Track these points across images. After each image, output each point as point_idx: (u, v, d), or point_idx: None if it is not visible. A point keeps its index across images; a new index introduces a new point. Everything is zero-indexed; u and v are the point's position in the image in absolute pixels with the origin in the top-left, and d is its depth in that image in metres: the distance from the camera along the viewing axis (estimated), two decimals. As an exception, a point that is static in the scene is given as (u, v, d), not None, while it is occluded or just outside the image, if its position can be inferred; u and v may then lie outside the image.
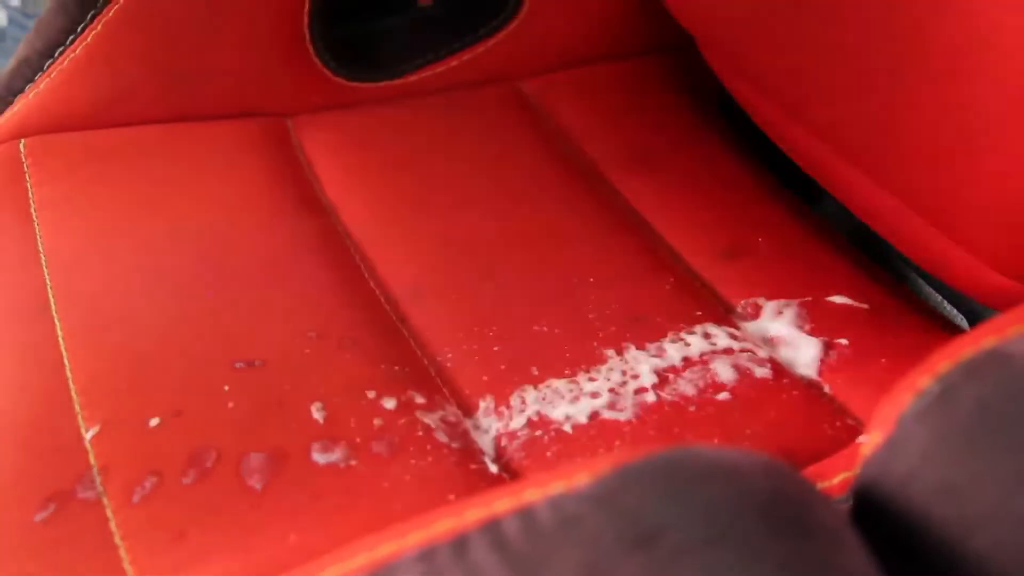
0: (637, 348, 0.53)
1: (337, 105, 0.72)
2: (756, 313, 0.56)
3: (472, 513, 0.31)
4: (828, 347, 0.54)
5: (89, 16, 0.66)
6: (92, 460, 0.47)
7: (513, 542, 0.29)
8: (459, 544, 0.30)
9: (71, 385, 0.50)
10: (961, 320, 0.61)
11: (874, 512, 0.31)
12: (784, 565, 0.27)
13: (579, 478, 0.30)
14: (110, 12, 0.65)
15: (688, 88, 0.76)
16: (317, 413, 0.49)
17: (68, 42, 0.66)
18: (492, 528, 0.30)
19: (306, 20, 0.70)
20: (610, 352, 0.53)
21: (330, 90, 0.72)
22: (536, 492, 0.31)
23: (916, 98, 0.49)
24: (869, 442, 0.33)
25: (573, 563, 0.27)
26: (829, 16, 0.52)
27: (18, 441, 0.47)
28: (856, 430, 0.50)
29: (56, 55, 0.66)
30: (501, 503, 0.31)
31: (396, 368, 0.52)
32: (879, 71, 0.50)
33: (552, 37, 0.76)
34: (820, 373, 0.53)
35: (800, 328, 0.55)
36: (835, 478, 0.42)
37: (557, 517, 0.29)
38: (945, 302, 0.63)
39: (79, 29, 0.66)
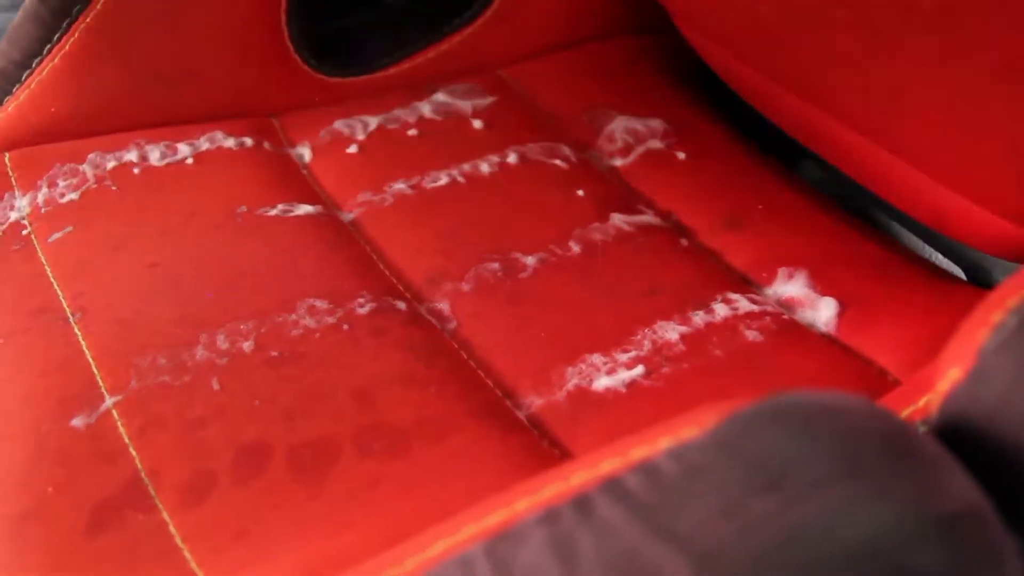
0: (663, 319, 0.54)
1: (321, 102, 0.72)
2: (769, 278, 0.58)
3: (578, 476, 0.32)
4: (843, 304, 0.55)
5: (65, 24, 0.65)
6: (139, 464, 0.46)
7: (640, 496, 0.29)
8: (580, 503, 0.30)
9: (104, 390, 0.49)
10: (958, 270, 0.63)
11: (963, 444, 0.32)
12: (910, 495, 0.28)
13: (686, 431, 0.31)
14: (87, 19, 0.64)
15: (667, 66, 0.77)
16: (358, 403, 0.49)
17: (45, 52, 0.65)
18: (612, 485, 0.30)
19: (284, 18, 0.69)
20: (637, 324, 0.54)
21: (313, 87, 0.72)
22: (644, 449, 0.31)
23: (915, 52, 0.50)
24: (947, 378, 0.34)
25: (707, 509, 0.28)
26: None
27: (59, 453, 0.47)
28: (884, 379, 0.51)
29: (34, 65, 0.65)
30: (607, 463, 0.32)
31: (428, 354, 0.52)
32: (875, 28, 0.52)
33: (528, 23, 0.76)
34: (839, 329, 0.54)
35: (813, 289, 0.56)
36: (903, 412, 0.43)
37: (681, 467, 0.29)
38: (938, 254, 0.65)
39: (55, 38, 0.65)
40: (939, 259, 0.66)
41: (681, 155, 0.68)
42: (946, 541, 0.28)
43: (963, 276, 0.63)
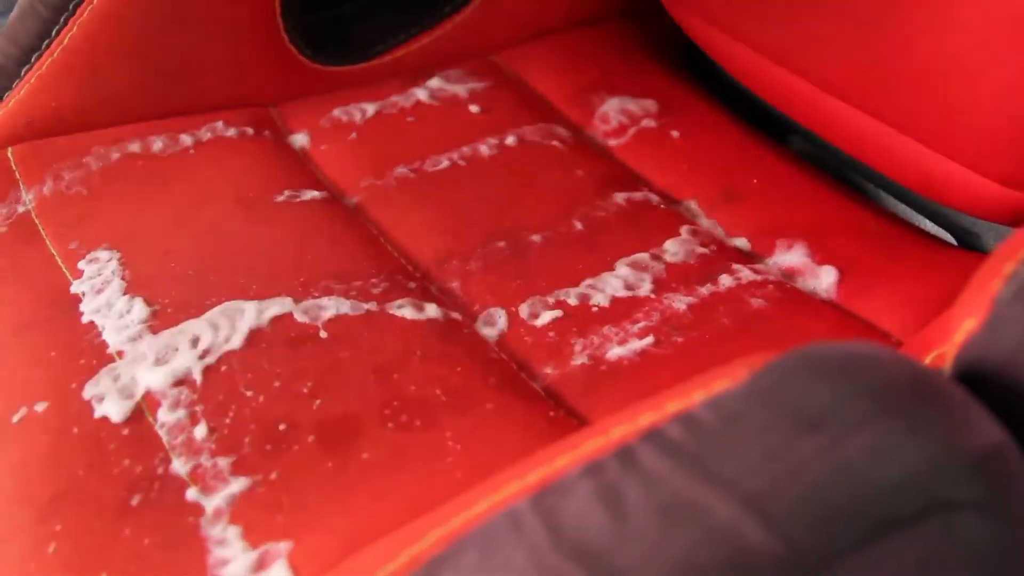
0: (669, 291, 0.55)
1: (317, 91, 0.72)
2: (769, 249, 0.59)
3: (618, 431, 0.33)
4: (842, 272, 0.57)
5: (62, 19, 0.65)
6: (167, 445, 0.47)
7: (683, 444, 0.30)
8: (623, 455, 0.31)
9: (124, 375, 0.50)
10: (948, 236, 0.65)
11: (982, 389, 0.34)
12: (942, 433, 0.29)
13: (719, 384, 0.32)
14: (84, 14, 0.65)
15: (658, 49, 0.79)
16: (380, 379, 0.50)
17: (43, 47, 0.65)
18: (654, 436, 0.31)
19: (278, 10, 0.70)
20: (645, 297, 0.55)
21: (309, 77, 0.72)
22: (679, 403, 0.33)
23: (909, 23, 0.52)
24: (962, 329, 0.35)
25: (751, 453, 0.29)
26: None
27: (86, 438, 0.48)
28: (886, 340, 0.53)
29: (33, 60, 0.66)
30: (645, 417, 0.33)
31: (443, 331, 0.53)
32: (870, 5, 0.53)
33: (520, 8, 0.77)
34: (839, 296, 0.56)
35: (812, 258, 0.58)
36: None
37: (720, 416, 0.31)
38: (926, 221, 0.67)
39: (53, 32, 0.65)
40: (929, 226, 0.68)
41: (675, 133, 0.69)
42: (976, 475, 0.29)
43: (954, 242, 0.65)
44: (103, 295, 0.54)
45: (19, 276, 0.57)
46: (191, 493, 0.45)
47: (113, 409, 0.49)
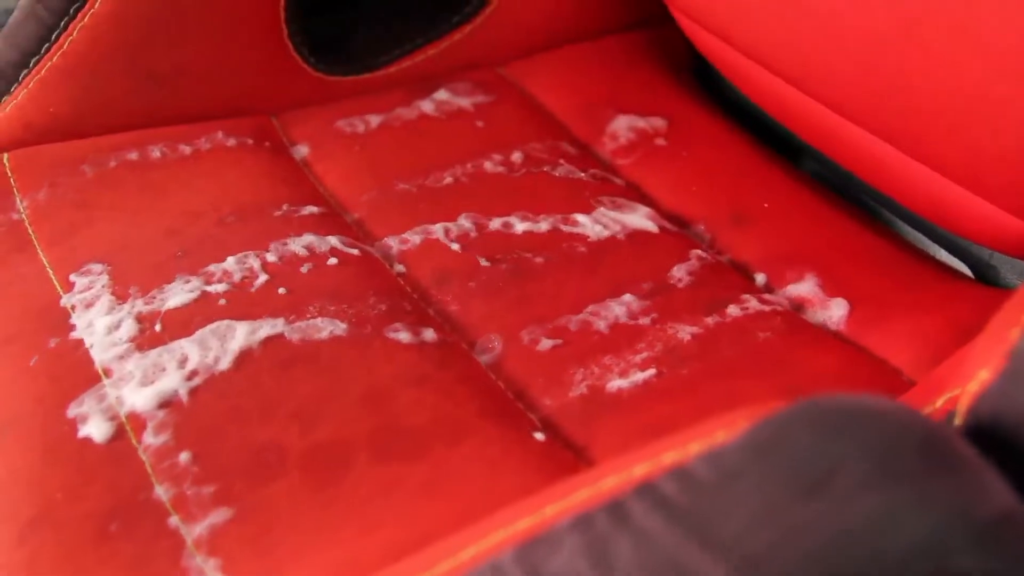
0: (673, 320, 0.54)
1: (321, 100, 0.71)
2: (779, 278, 0.58)
3: (610, 481, 0.32)
4: (853, 304, 0.55)
5: (63, 23, 0.64)
6: (149, 469, 0.46)
7: (676, 501, 0.29)
8: (614, 509, 0.30)
9: (110, 395, 0.49)
10: (964, 268, 0.63)
11: (995, 446, 0.32)
12: (951, 500, 0.28)
13: (717, 436, 0.31)
14: (85, 18, 0.64)
15: (667, 60, 0.77)
16: (370, 405, 0.48)
17: (43, 51, 0.64)
18: (647, 490, 0.30)
19: (283, 17, 0.69)
20: (649, 325, 0.54)
21: (312, 86, 0.71)
22: (675, 454, 0.31)
23: (928, 46, 0.50)
24: (977, 380, 0.33)
25: (747, 514, 0.28)
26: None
27: (68, 458, 0.46)
28: (898, 379, 0.51)
29: (32, 65, 0.64)
30: (639, 468, 0.31)
31: (438, 355, 0.52)
32: (886, 28, 0.51)
33: (527, 20, 0.76)
34: (850, 328, 0.54)
35: (822, 289, 0.56)
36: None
37: (717, 472, 0.29)
38: (942, 251, 0.65)
39: (54, 37, 0.64)
40: (944, 256, 0.66)
41: (684, 153, 0.67)
42: (987, 545, 0.27)
43: (970, 274, 0.63)
44: (92, 309, 0.53)
45: (8, 286, 0.55)
46: (172, 521, 0.44)
47: (96, 430, 0.47)
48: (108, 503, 0.45)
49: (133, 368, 0.50)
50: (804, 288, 0.56)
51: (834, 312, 0.55)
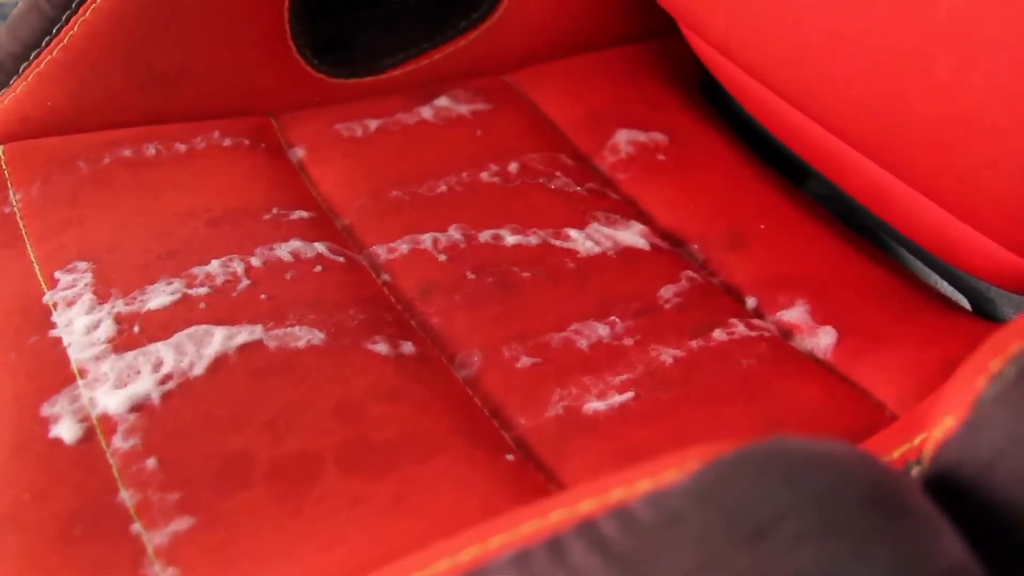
0: (657, 342, 0.53)
1: (321, 102, 0.71)
2: (769, 303, 0.57)
3: (557, 514, 0.31)
4: (842, 333, 0.54)
5: (65, 17, 0.64)
6: (117, 474, 0.46)
7: (615, 543, 0.28)
8: (554, 546, 0.29)
9: (83, 397, 0.49)
10: (962, 299, 0.62)
11: (953, 497, 0.31)
12: (897, 553, 0.27)
13: (666, 475, 0.30)
14: (86, 12, 0.64)
15: (672, 74, 0.76)
16: (342, 417, 0.48)
17: (44, 44, 0.64)
18: (588, 529, 0.29)
19: (287, 16, 0.69)
20: (632, 346, 0.53)
21: (314, 87, 0.71)
22: (623, 491, 0.30)
23: (928, 72, 0.49)
24: (941, 427, 0.33)
25: (683, 561, 0.27)
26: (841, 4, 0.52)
27: (38, 459, 0.46)
28: (881, 413, 0.50)
29: (32, 58, 0.64)
30: (586, 504, 0.31)
31: (416, 369, 0.51)
32: (888, 55, 0.50)
33: (534, 29, 0.75)
34: (838, 358, 0.53)
35: (812, 315, 0.55)
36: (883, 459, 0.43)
37: (658, 515, 0.28)
38: (942, 281, 0.64)
39: (55, 30, 0.64)
40: (944, 287, 0.65)
41: (684, 170, 0.66)
42: (929, 605, 0.27)
43: (968, 306, 0.62)
44: (73, 308, 0.53)
45: (-6, 282, 0.55)
46: (135, 528, 0.44)
47: (67, 431, 0.47)
48: (73, 505, 0.44)
49: (108, 370, 0.49)
50: (794, 314, 0.55)
51: (822, 340, 0.54)
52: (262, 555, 0.42)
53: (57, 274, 0.55)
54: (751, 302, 0.57)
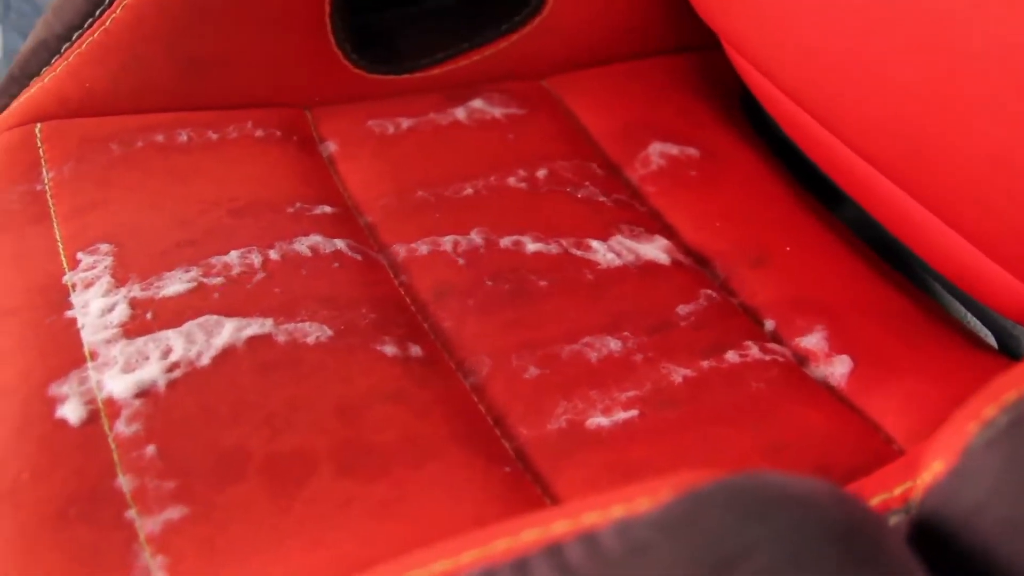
0: (668, 360, 0.52)
1: (357, 97, 0.71)
2: (787, 326, 0.56)
3: (529, 534, 0.31)
4: (858, 363, 0.53)
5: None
6: (116, 459, 0.46)
7: (579, 569, 0.28)
8: (520, 567, 0.29)
9: (94, 381, 0.49)
10: (988, 335, 0.61)
11: (938, 543, 0.31)
12: (861, 600, 0.26)
13: (640, 502, 0.30)
14: (131, -4, 0.64)
15: (712, 88, 0.75)
16: (342, 417, 0.48)
17: (86, 25, 0.65)
18: (554, 553, 0.29)
19: (328, 10, 0.69)
20: (642, 363, 0.52)
21: (350, 82, 0.71)
22: (596, 515, 0.30)
23: (958, 106, 0.48)
24: (930, 471, 0.32)
25: (644, 593, 0.27)
26: (868, 25, 0.51)
27: (41, 439, 0.46)
28: (888, 447, 0.49)
29: (74, 38, 0.65)
30: (559, 525, 0.30)
31: (422, 372, 0.51)
32: (919, 85, 0.50)
33: (575, 35, 0.75)
34: (851, 387, 0.52)
35: (829, 342, 0.54)
36: (874, 499, 0.42)
37: (624, 544, 0.28)
38: (970, 315, 0.63)
39: (98, 12, 0.64)
40: (972, 321, 0.64)
41: (714, 187, 0.66)
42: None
43: (994, 342, 0.60)
44: (91, 290, 0.53)
45: (18, 257, 0.56)
46: (130, 513, 0.44)
47: (72, 412, 0.48)
48: (71, 487, 0.45)
49: (117, 354, 0.50)
50: (811, 340, 0.55)
51: (837, 369, 0.53)
52: (248, 550, 0.42)
53: (79, 255, 0.55)
54: (769, 325, 0.56)
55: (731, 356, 0.53)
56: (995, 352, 0.57)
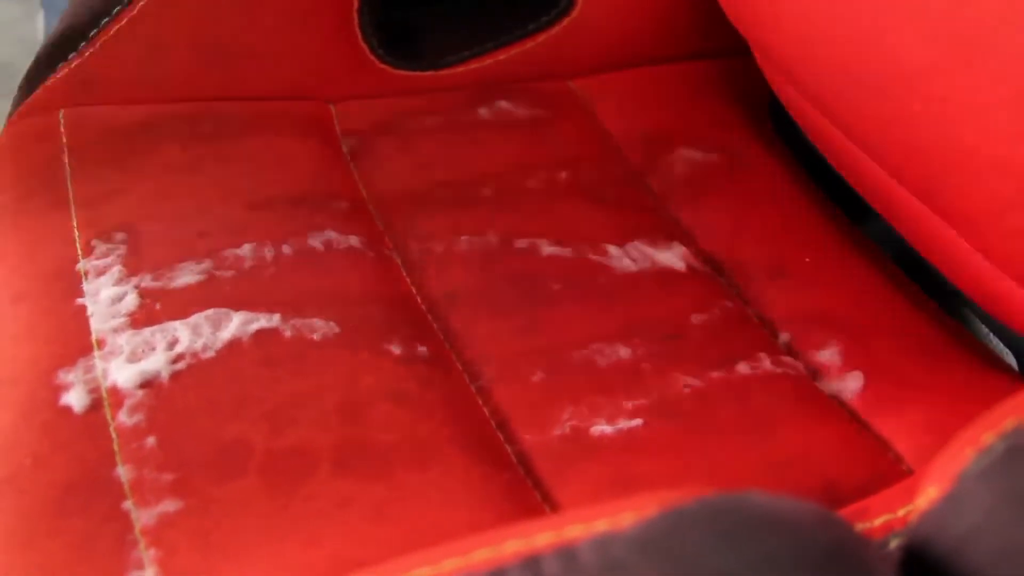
0: (678, 369, 0.52)
1: (382, 93, 0.70)
2: (802, 340, 0.55)
3: (511, 545, 0.30)
4: (870, 379, 0.52)
5: (136, -13, 0.65)
6: (116, 449, 0.46)
7: (553, 584, 0.28)
8: (496, 577, 0.29)
9: (99, 370, 0.49)
10: (1010, 357, 0.60)
11: (929, 570, 0.30)
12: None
13: (624, 517, 0.29)
14: (158, -16, 0.64)
15: (741, 95, 0.74)
16: (344, 415, 0.48)
17: (113, 13, 0.65)
18: (532, 565, 0.29)
19: (356, 3, 0.68)
20: (651, 371, 0.52)
21: (376, 78, 0.70)
22: (578, 528, 0.30)
23: (982, 122, 0.47)
24: (925, 496, 0.31)
25: (616, 612, 0.26)
26: (902, 40, 0.50)
27: (44, 426, 0.47)
28: (897, 467, 0.48)
29: (101, 25, 0.65)
30: (542, 537, 0.30)
31: (428, 373, 0.51)
32: (955, 105, 0.48)
33: (605, 36, 0.74)
34: (862, 406, 0.52)
35: (843, 357, 0.53)
36: (877, 520, 0.41)
37: (601, 561, 0.28)
38: (992, 336, 0.62)
39: (125, 0, 0.65)
40: (994, 342, 0.63)
41: (737, 196, 0.65)
42: None
43: (1014, 364, 0.59)
44: (102, 278, 0.53)
45: (35, 243, 0.56)
46: (126, 504, 0.44)
47: (77, 400, 0.48)
48: (71, 475, 0.45)
49: (124, 343, 0.50)
50: (825, 355, 0.54)
51: (849, 384, 0.52)
52: (242, 546, 0.42)
53: (94, 242, 0.56)
54: (784, 337, 0.55)
55: (742, 368, 0.52)
56: (1014, 375, 0.56)
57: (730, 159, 0.68)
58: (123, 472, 0.45)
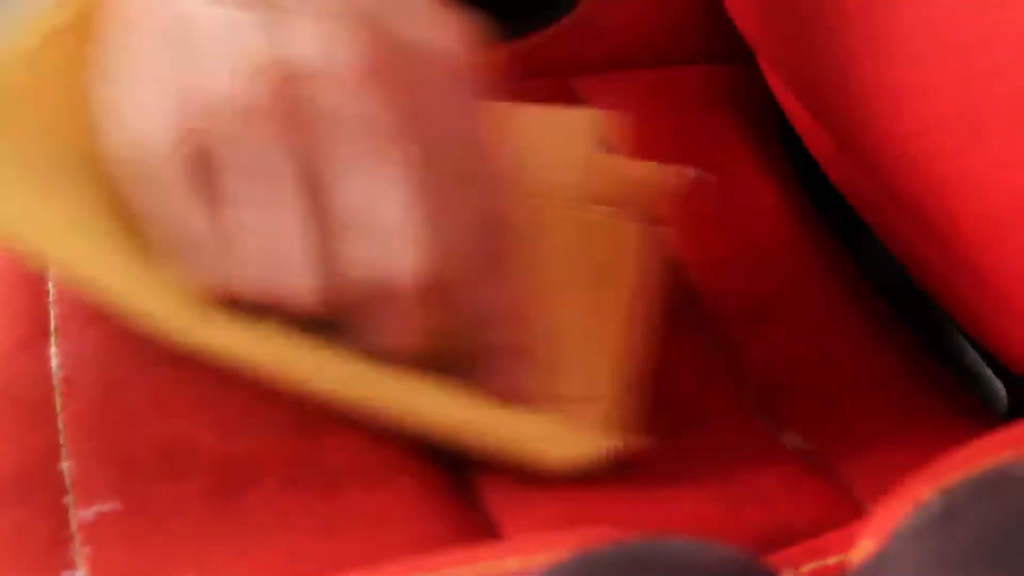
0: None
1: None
2: (768, 388, 0.54)
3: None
4: (838, 425, 0.52)
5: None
6: (62, 440, 0.45)
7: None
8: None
9: (54, 353, 0.48)
10: (1001, 390, 0.59)
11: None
12: None
13: (536, 558, 0.29)
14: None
15: (744, 103, 0.73)
16: (302, 429, 0.46)
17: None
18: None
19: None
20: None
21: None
22: (490, 566, 0.29)
23: (993, 157, 0.46)
24: (860, 550, 0.30)
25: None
26: (908, 58, 0.49)
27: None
28: (855, 513, 0.47)
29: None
30: (458, 571, 0.30)
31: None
32: (960, 122, 0.47)
33: (610, 35, 0.73)
34: (824, 450, 0.51)
35: (809, 411, 0.52)
36: (804, 567, 0.40)
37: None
38: (986, 367, 0.61)
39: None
40: (985, 374, 0.62)
41: (722, 221, 0.63)
42: None
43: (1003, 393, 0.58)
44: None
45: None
46: (66, 500, 0.43)
47: (30, 389, 0.47)
48: (14, 468, 0.45)
49: (82, 334, 0.49)
50: (790, 406, 0.53)
51: (813, 435, 0.51)
52: (175, 550, 0.42)
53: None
54: (752, 384, 0.54)
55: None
56: (993, 421, 0.54)
57: (724, 179, 0.65)
58: (67, 467, 0.44)
